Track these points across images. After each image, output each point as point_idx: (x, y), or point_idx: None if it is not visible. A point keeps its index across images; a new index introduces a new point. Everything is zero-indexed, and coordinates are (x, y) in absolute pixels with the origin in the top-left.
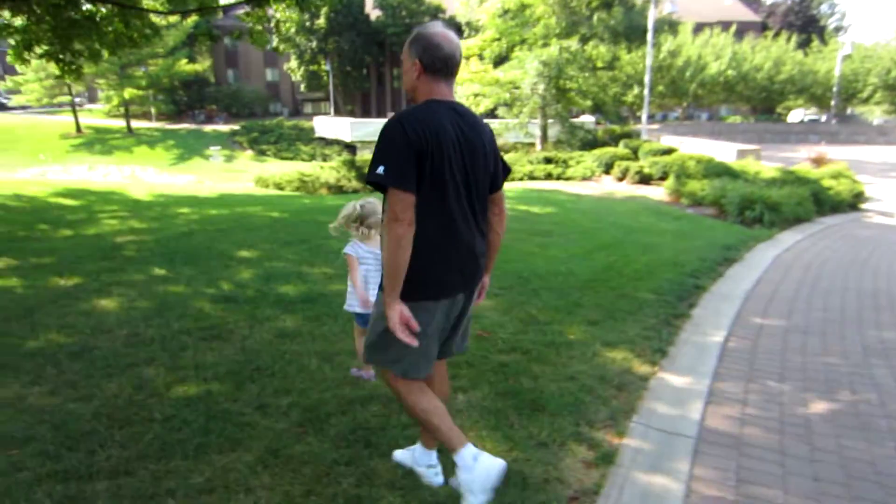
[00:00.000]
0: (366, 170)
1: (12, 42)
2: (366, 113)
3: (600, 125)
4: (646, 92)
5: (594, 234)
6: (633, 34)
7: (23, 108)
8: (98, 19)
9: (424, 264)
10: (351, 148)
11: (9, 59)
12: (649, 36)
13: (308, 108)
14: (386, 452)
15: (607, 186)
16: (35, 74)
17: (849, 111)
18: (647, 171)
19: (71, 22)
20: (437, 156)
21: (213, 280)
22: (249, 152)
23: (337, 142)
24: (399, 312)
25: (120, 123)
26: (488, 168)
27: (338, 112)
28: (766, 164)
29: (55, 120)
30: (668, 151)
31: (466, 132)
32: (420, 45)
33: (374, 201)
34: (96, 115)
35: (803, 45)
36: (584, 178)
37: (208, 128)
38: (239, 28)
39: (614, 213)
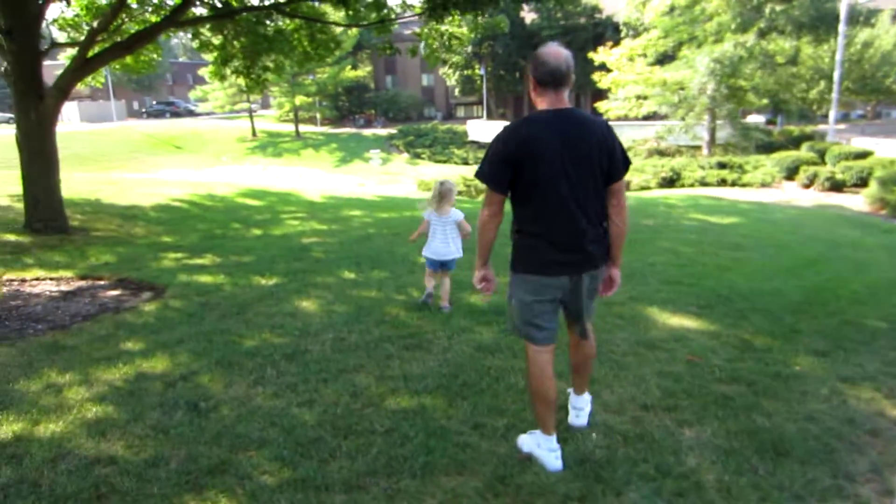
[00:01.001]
0: None
1: (210, 58)
2: (518, 115)
3: (772, 125)
4: (835, 89)
5: (793, 248)
6: (820, 25)
7: (208, 114)
8: (287, 34)
9: (527, 246)
10: None
11: (208, 75)
12: (841, 27)
13: (461, 112)
14: (621, 490)
15: (791, 194)
16: (220, 84)
17: None
18: (839, 177)
19: (264, 38)
20: (531, 162)
21: (401, 286)
22: (405, 155)
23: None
24: (482, 274)
25: (289, 128)
26: (601, 164)
27: (490, 116)
28: None
29: (234, 125)
30: (863, 155)
31: (570, 135)
32: (533, 63)
33: (450, 182)
34: (268, 120)
35: None
36: (763, 185)
37: (367, 131)
38: (412, 41)
39: (809, 224)
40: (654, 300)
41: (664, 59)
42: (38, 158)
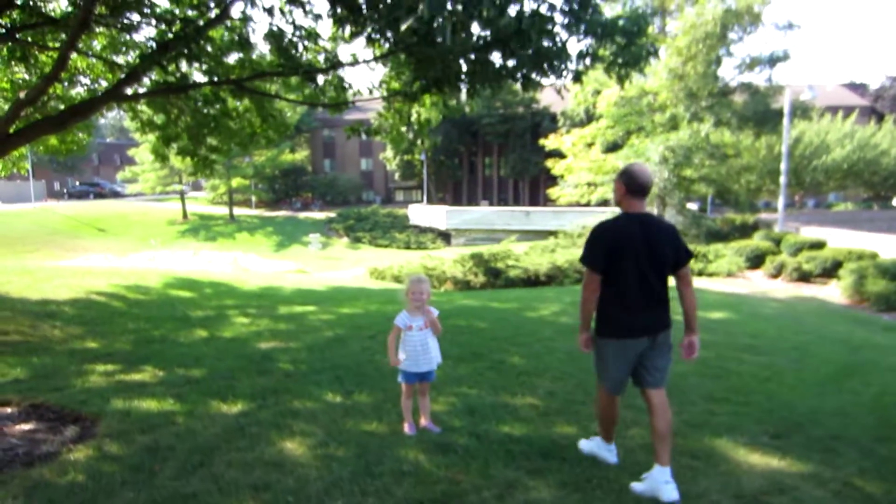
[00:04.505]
0: (493, 264)
1: (152, 139)
2: (457, 201)
3: (702, 213)
4: (782, 180)
5: (812, 350)
6: (762, 120)
7: (135, 195)
8: (237, 114)
9: (609, 315)
10: (445, 236)
11: (150, 154)
12: (785, 122)
13: (399, 196)
14: None
15: (761, 284)
16: (151, 165)
17: None
18: (805, 267)
19: (213, 117)
20: (617, 253)
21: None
22: (345, 239)
23: (431, 229)
24: (583, 339)
25: (222, 210)
26: (667, 256)
27: (430, 200)
28: None
29: (163, 207)
30: (818, 245)
31: (646, 235)
32: (626, 175)
33: (419, 277)
34: (200, 203)
35: None
36: (729, 274)
37: (303, 215)
38: (370, 125)
39: (804, 320)
40: (715, 428)
41: (614, 147)
42: None
